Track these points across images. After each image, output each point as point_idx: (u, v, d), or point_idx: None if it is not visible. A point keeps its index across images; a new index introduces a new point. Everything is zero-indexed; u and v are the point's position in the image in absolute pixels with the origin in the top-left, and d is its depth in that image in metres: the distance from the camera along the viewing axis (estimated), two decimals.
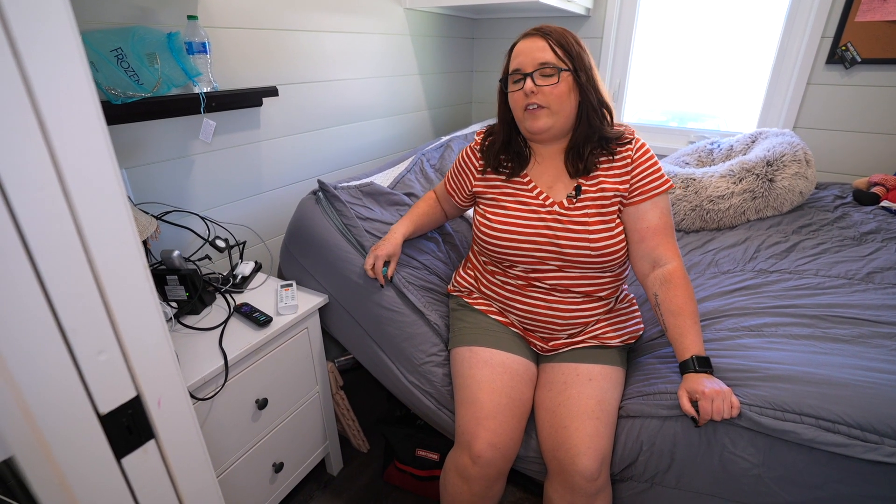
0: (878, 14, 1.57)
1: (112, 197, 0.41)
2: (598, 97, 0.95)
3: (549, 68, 0.91)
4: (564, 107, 0.93)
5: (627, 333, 1.05)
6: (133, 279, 0.44)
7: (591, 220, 0.96)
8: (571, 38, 0.94)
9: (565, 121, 0.95)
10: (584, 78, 0.93)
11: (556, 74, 0.91)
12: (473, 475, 0.91)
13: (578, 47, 0.94)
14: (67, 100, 0.37)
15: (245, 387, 1.03)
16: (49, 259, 0.37)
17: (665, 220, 0.97)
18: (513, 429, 0.93)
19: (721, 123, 2.05)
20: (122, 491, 0.47)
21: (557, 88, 0.91)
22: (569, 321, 1.03)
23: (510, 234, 1.01)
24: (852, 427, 0.76)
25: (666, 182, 0.96)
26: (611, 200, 0.97)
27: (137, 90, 1.02)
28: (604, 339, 1.03)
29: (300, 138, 1.53)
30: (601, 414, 0.90)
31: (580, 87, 0.93)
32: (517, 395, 0.97)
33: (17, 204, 0.35)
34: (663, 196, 0.97)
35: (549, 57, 0.91)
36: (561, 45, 0.92)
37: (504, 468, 0.93)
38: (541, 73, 0.92)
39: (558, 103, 0.92)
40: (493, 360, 1.00)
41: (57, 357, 0.39)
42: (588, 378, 0.95)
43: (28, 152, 0.35)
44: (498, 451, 0.90)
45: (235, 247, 1.30)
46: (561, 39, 0.92)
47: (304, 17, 1.43)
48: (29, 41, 0.34)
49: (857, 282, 1.20)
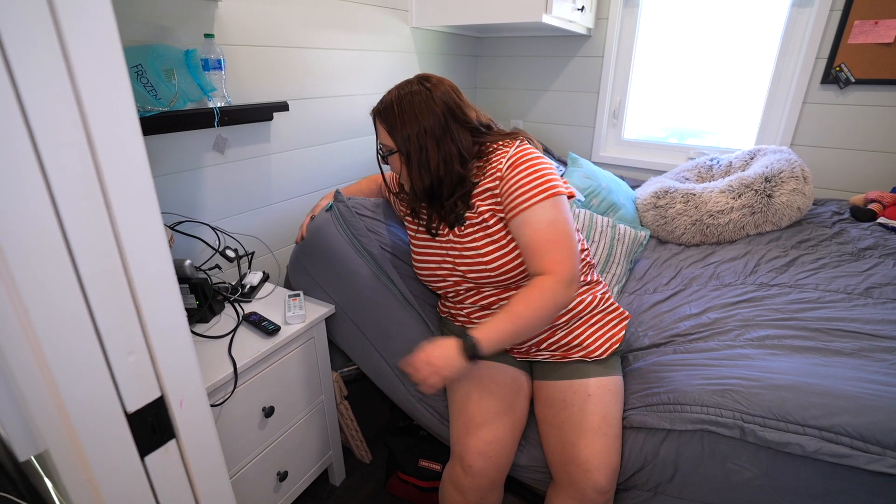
0: (871, 37, 1.62)
1: (147, 207, 0.43)
2: (439, 151, 0.93)
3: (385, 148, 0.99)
4: (405, 178, 0.99)
5: (609, 339, 1.03)
6: (162, 285, 0.46)
7: (480, 243, 0.96)
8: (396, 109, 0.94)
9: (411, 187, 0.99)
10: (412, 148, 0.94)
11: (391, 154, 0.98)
12: (466, 486, 0.91)
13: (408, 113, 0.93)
14: (112, 116, 0.39)
15: (253, 394, 1.04)
16: (89, 264, 0.40)
17: (538, 234, 0.88)
18: (504, 438, 0.93)
19: (720, 140, 2.09)
20: (144, 488, 0.48)
21: (395, 166, 1.00)
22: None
23: (424, 267, 1.08)
24: (855, 438, 0.77)
25: (543, 192, 0.88)
26: (492, 221, 0.95)
27: (155, 104, 1.06)
28: (586, 350, 1.01)
29: (308, 152, 1.56)
30: (608, 429, 0.91)
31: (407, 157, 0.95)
32: (507, 405, 0.97)
33: (64, 212, 0.37)
34: (539, 206, 0.87)
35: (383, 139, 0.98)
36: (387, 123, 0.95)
37: (497, 478, 0.93)
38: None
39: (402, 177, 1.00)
40: (481, 371, 1.01)
41: (91, 356, 0.41)
42: (587, 394, 0.95)
43: (77, 164, 0.38)
44: (489, 461, 0.91)
45: (245, 257, 1.32)
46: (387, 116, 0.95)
47: (315, 35, 1.48)
48: (83, 64, 0.37)
49: (857, 296, 1.22)
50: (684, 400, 0.90)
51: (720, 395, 0.87)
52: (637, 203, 1.82)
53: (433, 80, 0.96)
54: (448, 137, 0.94)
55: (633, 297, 1.42)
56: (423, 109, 0.92)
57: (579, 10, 1.83)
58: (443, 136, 0.93)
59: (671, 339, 1.15)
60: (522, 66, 2.30)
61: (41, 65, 0.35)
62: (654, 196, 1.75)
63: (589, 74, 2.16)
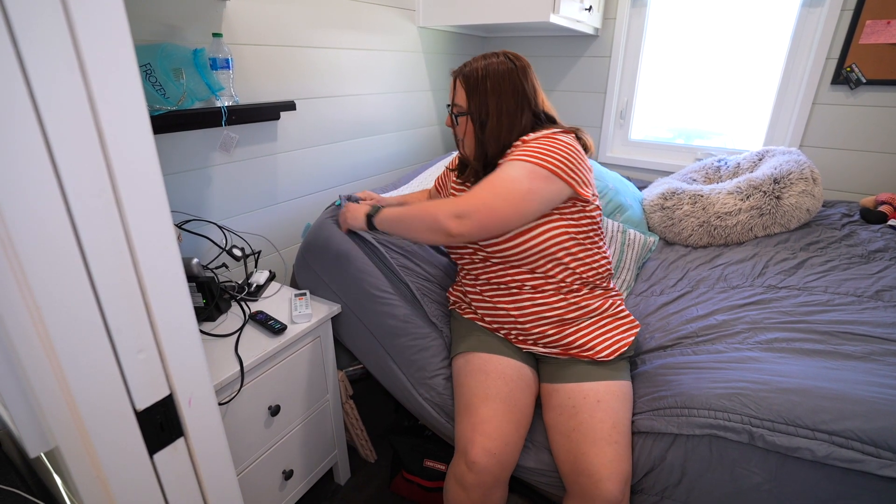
0: (883, 37, 1.60)
1: (157, 205, 0.43)
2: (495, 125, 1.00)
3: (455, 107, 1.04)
4: (469, 142, 1.06)
5: (617, 342, 1.03)
6: (172, 283, 0.46)
7: None
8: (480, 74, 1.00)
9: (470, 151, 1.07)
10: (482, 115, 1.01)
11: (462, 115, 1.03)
12: (470, 482, 0.91)
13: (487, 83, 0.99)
14: (124, 116, 0.40)
15: (259, 393, 1.04)
16: (100, 262, 0.40)
17: (488, 177, 0.93)
18: (508, 434, 0.93)
19: (727, 141, 2.08)
20: (153, 485, 0.48)
21: (459, 129, 1.06)
22: (528, 317, 1.03)
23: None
24: (866, 443, 0.76)
25: (530, 156, 0.92)
26: None
27: (164, 103, 1.07)
28: (591, 350, 1.01)
29: (315, 151, 1.57)
30: (618, 437, 0.90)
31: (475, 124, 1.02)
32: (513, 401, 0.97)
33: (76, 211, 0.38)
34: (516, 162, 0.93)
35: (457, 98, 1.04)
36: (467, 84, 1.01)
37: (500, 475, 0.92)
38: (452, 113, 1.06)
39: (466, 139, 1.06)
40: (486, 366, 1.01)
41: (102, 354, 0.42)
42: (596, 400, 0.94)
43: (88, 163, 0.38)
44: (493, 458, 0.90)
45: (251, 256, 1.33)
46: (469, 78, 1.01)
47: (322, 35, 1.48)
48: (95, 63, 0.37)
49: (867, 299, 1.20)
50: (692, 404, 0.89)
51: (728, 399, 0.87)
52: (644, 204, 1.81)
53: (521, 60, 1.02)
54: (519, 113, 1.00)
55: (639, 299, 1.41)
56: (506, 83, 0.99)
57: (587, 9, 1.83)
58: (515, 112, 1.00)
59: (678, 340, 1.15)
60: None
61: (55, 64, 0.35)
62: (661, 197, 1.74)
63: (596, 74, 2.15)
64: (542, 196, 0.92)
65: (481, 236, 0.94)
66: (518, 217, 0.92)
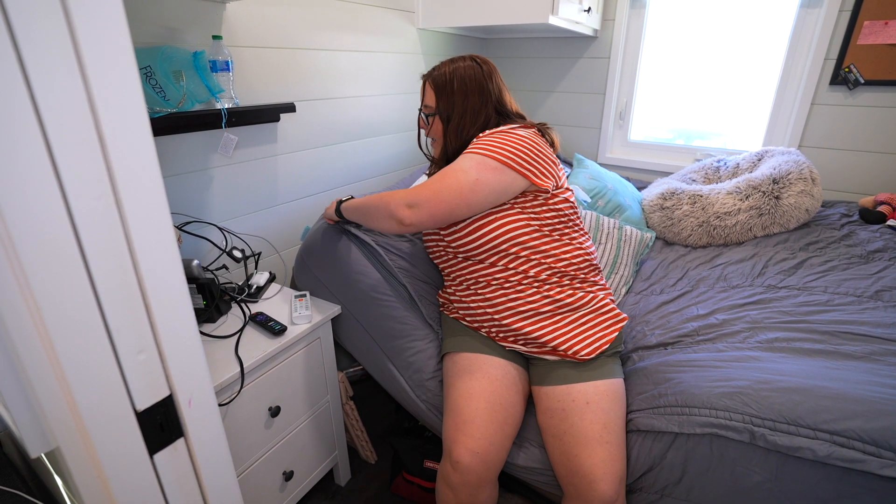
0: (881, 37, 1.61)
1: (158, 207, 0.44)
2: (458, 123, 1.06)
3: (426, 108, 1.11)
4: (438, 139, 1.12)
5: (598, 339, 1.01)
6: (172, 284, 0.47)
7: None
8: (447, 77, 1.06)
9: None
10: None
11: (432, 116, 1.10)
12: (455, 482, 0.91)
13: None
14: (124, 117, 0.40)
15: (259, 394, 1.04)
16: (101, 263, 0.40)
17: (442, 171, 0.96)
18: (493, 434, 0.92)
19: (727, 142, 2.08)
20: (153, 486, 0.48)
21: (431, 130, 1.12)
22: (502, 312, 1.03)
23: (429, 238, 1.18)
24: (867, 443, 0.76)
25: (482, 150, 0.95)
26: None
27: (164, 106, 1.07)
28: (572, 350, 0.99)
29: (315, 153, 1.57)
30: (610, 437, 0.89)
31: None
32: (498, 400, 0.96)
33: (76, 212, 0.38)
34: (471, 155, 0.96)
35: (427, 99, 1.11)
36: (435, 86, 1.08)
37: (486, 475, 0.91)
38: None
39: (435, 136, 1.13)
40: (471, 366, 1.01)
41: (102, 355, 0.42)
42: (585, 402, 0.93)
43: (89, 165, 0.38)
44: (477, 457, 0.89)
45: (251, 257, 1.33)
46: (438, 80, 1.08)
47: (322, 37, 1.49)
48: (95, 66, 0.37)
49: (866, 299, 1.21)
50: (693, 402, 0.89)
51: (729, 398, 0.87)
52: (643, 204, 1.81)
53: (488, 63, 1.08)
54: (482, 111, 1.06)
55: (639, 298, 1.41)
56: (471, 83, 1.05)
57: (586, 11, 1.83)
58: (479, 110, 1.05)
59: (678, 338, 1.15)
60: (529, 67, 2.30)
61: (55, 66, 0.35)
62: (660, 197, 1.74)
63: (595, 75, 2.15)
64: (491, 186, 0.94)
65: (432, 225, 0.96)
66: (465, 206, 0.94)
